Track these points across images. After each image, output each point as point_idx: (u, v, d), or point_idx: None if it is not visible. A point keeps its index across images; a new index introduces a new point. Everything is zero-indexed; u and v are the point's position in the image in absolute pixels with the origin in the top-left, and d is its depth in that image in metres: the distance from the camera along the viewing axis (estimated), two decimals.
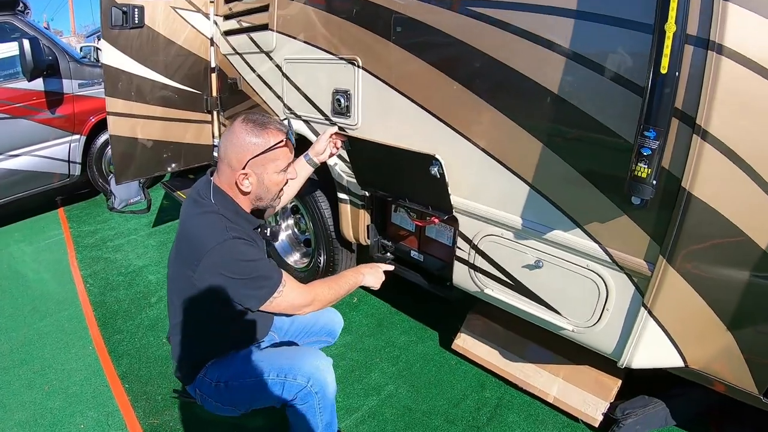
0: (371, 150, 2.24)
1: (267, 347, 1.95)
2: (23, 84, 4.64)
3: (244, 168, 1.64)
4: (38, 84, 4.73)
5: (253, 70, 3.15)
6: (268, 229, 1.87)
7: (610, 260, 1.70)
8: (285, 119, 1.88)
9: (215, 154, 3.52)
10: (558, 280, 1.89)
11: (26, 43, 4.37)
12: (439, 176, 1.98)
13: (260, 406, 1.87)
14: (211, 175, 1.74)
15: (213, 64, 3.55)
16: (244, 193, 1.70)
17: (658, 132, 1.37)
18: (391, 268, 2.09)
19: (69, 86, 4.98)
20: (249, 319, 1.84)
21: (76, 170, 5.23)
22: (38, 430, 2.41)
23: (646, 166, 1.41)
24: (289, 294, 1.69)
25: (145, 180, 4.51)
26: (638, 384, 2.26)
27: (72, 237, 4.71)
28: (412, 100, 2.18)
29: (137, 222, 4.94)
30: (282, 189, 1.79)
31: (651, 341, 1.72)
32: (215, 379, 1.80)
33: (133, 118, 3.38)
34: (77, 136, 5.13)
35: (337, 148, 2.20)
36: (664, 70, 1.34)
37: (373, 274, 2.00)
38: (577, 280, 1.82)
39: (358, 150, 2.30)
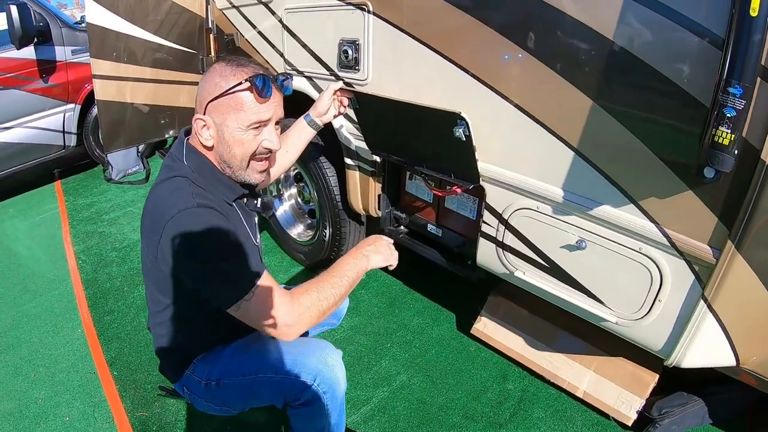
0: (383, 108, 1.96)
1: (263, 337, 1.67)
2: (13, 53, 4.43)
3: (204, 113, 1.34)
4: (29, 52, 4.52)
5: (252, 25, 2.87)
6: (259, 200, 1.56)
7: (668, 243, 1.46)
8: (285, 73, 1.54)
9: None
10: (603, 264, 1.64)
11: (13, 9, 4.15)
12: (464, 139, 1.69)
13: (258, 405, 1.62)
14: (187, 135, 1.45)
15: (210, 23, 3.27)
16: (208, 149, 1.39)
17: (745, 89, 1.12)
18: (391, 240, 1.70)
19: (62, 53, 4.75)
20: None
21: (72, 141, 5.05)
22: (23, 422, 2.26)
23: (728, 131, 1.15)
24: (261, 303, 1.31)
25: (144, 149, 4.30)
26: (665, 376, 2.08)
27: (67, 211, 4.55)
28: (433, 49, 1.89)
29: (135, 193, 4.75)
30: (255, 158, 1.41)
31: (707, 339, 1.51)
32: (204, 377, 1.54)
33: (122, 80, 3.13)
34: (72, 105, 4.93)
35: (344, 107, 1.92)
36: (753, 13, 1.09)
37: (381, 252, 1.59)
38: (626, 265, 1.58)
39: (367, 108, 2.02)
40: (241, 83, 1.30)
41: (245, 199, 1.52)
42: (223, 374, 1.53)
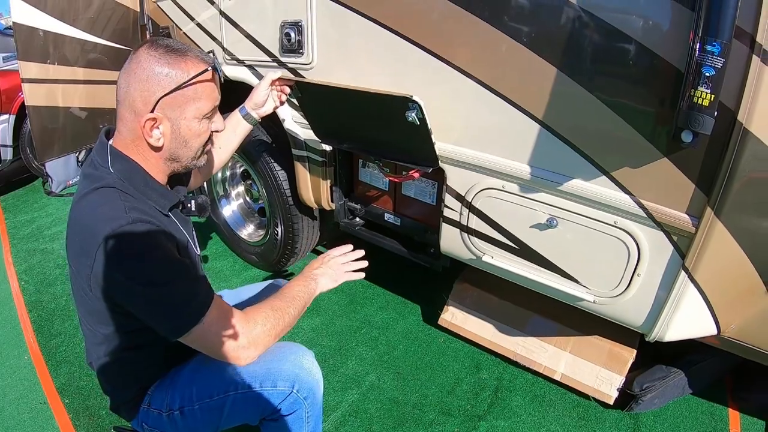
0: (328, 96, 1.83)
1: None
2: None
3: (152, 110, 1.16)
4: None
5: (188, 16, 2.69)
6: (193, 202, 1.40)
7: (644, 215, 1.41)
8: (210, 51, 1.37)
9: None
10: (576, 241, 1.58)
11: None
12: (418, 123, 1.58)
13: (230, 426, 1.43)
14: (108, 137, 1.27)
15: (144, 17, 3.08)
16: (155, 150, 1.22)
17: (723, 46, 1.08)
18: (350, 250, 1.58)
19: None
20: None
21: (8, 154, 4.72)
22: None
23: (708, 91, 1.11)
24: (215, 325, 1.18)
25: (84, 157, 4.06)
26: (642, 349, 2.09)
27: (7, 229, 4.26)
28: (383, 26, 1.77)
29: None
30: (206, 146, 1.31)
31: (689, 310, 1.49)
32: (164, 407, 1.36)
33: (53, 83, 2.92)
34: (6, 116, 4.62)
35: (285, 96, 1.75)
36: None
37: (328, 273, 1.49)
38: (602, 240, 1.53)
39: (310, 98, 1.88)
40: (206, 71, 1.20)
41: (180, 207, 1.36)
42: (186, 400, 1.36)
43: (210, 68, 1.21)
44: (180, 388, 1.37)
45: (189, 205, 1.37)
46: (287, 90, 1.73)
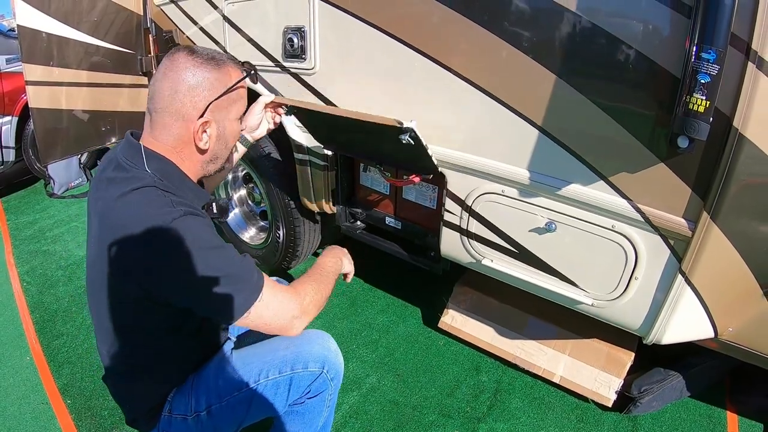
0: (322, 118, 1.84)
1: (235, 349, 1.51)
2: None
3: (203, 115, 1.20)
4: None
5: (191, 20, 2.71)
6: (215, 205, 1.44)
7: (641, 219, 1.42)
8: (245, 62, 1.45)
9: None
10: (575, 245, 1.60)
11: None
12: (413, 143, 1.57)
13: (253, 422, 1.44)
14: (136, 139, 1.26)
15: (147, 21, 3.10)
16: (201, 152, 1.26)
17: (719, 54, 1.10)
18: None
19: None
20: (211, 327, 1.42)
21: (10, 156, 4.71)
22: None
23: (704, 98, 1.13)
24: (272, 300, 1.22)
25: (87, 159, 4.05)
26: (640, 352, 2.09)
27: (9, 230, 4.26)
28: (384, 31, 1.79)
29: (79, 207, 4.50)
30: (233, 147, 1.39)
31: (686, 313, 1.49)
32: (189, 410, 1.35)
33: (56, 86, 2.93)
34: (8, 118, 4.61)
35: (280, 117, 1.76)
36: None
37: (348, 258, 1.60)
38: (599, 244, 1.54)
39: (305, 117, 1.90)
40: (247, 75, 1.31)
41: (204, 206, 1.39)
42: (214, 398, 1.36)
43: (252, 72, 1.34)
44: (204, 387, 1.37)
45: (211, 207, 1.41)
46: (282, 111, 1.74)
